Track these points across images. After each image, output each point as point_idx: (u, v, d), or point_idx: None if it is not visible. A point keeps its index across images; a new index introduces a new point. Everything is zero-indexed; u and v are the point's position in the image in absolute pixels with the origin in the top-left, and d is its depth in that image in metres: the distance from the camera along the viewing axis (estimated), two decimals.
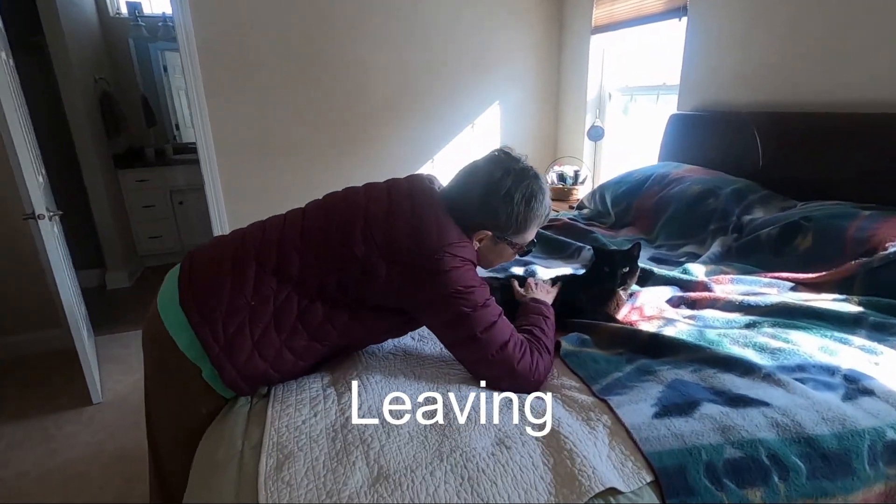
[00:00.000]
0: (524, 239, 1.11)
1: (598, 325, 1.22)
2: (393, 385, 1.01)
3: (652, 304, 1.35)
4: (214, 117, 3.03)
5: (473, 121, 3.60)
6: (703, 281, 1.42)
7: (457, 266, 0.98)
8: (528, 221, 1.06)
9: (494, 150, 1.11)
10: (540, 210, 1.07)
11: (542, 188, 1.07)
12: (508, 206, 1.02)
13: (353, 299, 1.00)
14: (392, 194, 1.08)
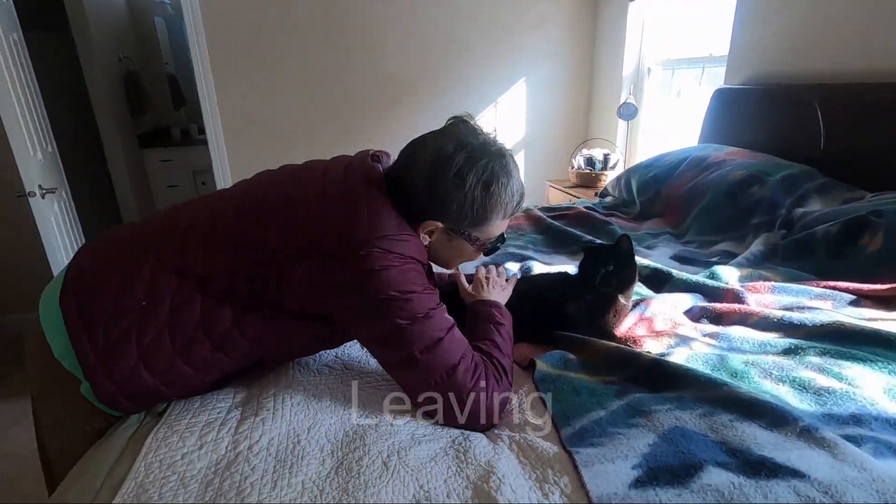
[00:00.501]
0: (487, 233, 0.88)
1: (589, 343, 0.97)
2: (311, 411, 0.81)
3: (665, 316, 1.08)
4: (222, 95, 2.91)
5: (497, 100, 3.33)
6: (734, 289, 1.14)
7: (390, 265, 0.76)
8: (489, 211, 0.83)
9: (451, 119, 0.88)
10: (504, 197, 0.83)
11: (507, 169, 0.83)
12: (459, 190, 0.79)
13: (268, 302, 0.81)
14: (326, 174, 0.87)
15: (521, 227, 1.80)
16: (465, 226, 0.84)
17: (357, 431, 0.76)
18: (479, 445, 0.74)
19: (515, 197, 0.85)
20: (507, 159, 0.83)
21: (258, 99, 2.95)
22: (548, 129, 3.46)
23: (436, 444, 0.74)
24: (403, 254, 0.78)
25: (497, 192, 0.81)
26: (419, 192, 0.81)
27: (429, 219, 0.83)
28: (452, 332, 0.80)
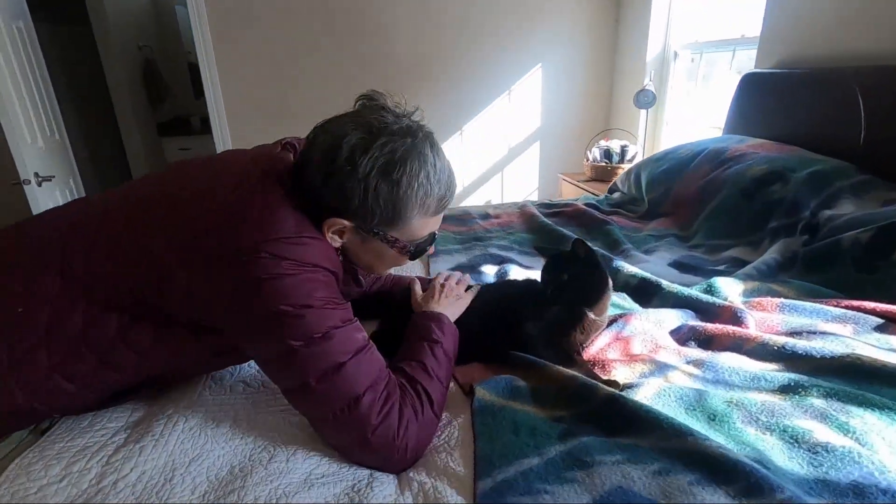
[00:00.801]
0: (409, 234, 0.74)
1: (545, 368, 0.83)
2: (202, 439, 0.71)
3: (647, 336, 0.92)
4: (226, 82, 2.86)
5: (510, 88, 3.15)
6: (733, 307, 0.96)
7: (282, 273, 0.64)
8: (400, 205, 0.69)
9: (359, 96, 0.75)
10: (416, 187, 0.68)
11: (417, 152, 0.67)
12: (353, 178, 0.66)
13: (155, 311, 0.71)
14: (229, 167, 0.76)
15: (512, 225, 1.65)
16: (375, 224, 0.71)
17: (244, 468, 0.65)
18: (381, 493, 0.62)
19: (435, 188, 0.70)
20: (418, 140, 0.68)
21: (263, 86, 2.89)
22: (564, 119, 3.26)
23: (331, 490, 0.62)
24: (301, 260, 0.65)
25: (409, 184, 0.67)
26: (317, 185, 0.68)
27: (332, 216, 0.70)
28: (361, 355, 0.67)
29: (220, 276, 0.65)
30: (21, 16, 2.52)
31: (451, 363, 0.79)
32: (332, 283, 0.70)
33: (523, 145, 3.31)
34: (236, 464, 0.66)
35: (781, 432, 0.66)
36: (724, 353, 0.86)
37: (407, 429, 0.66)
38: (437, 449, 0.70)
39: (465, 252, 1.41)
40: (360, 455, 0.66)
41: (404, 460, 0.66)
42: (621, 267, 1.16)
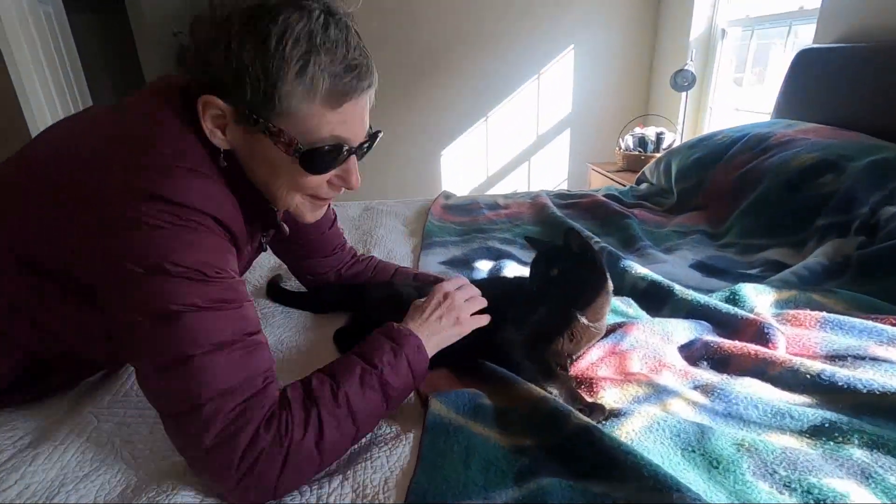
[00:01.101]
0: (297, 125, 0.56)
1: (516, 385, 0.70)
2: (107, 450, 0.62)
3: (650, 352, 0.77)
4: None
5: (539, 71, 2.96)
6: (759, 320, 0.79)
7: (140, 218, 0.50)
8: (273, 67, 0.52)
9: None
10: (296, 49, 0.52)
11: (304, 10, 0.53)
12: (214, 28, 0.53)
13: (46, 273, 0.58)
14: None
15: (520, 217, 1.50)
16: (250, 102, 0.54)
17: (139, 488, 0.56)
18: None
19: (324, 56, 0.53)
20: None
21: None
22: (597, 105, 3.04)
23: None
24: (170, 199, 0.51)
25: (275, 34, 0.51)
26: (186, 60, 0.57)
27: (204, 92, 0.55)
28: (226, 353, 0.51)
29: (67, 216, 0.53)
30: (49, 1, 2.55)
31: (385, 404, 0.61)
32: (217, 244, 0.56)
33: (552, 133, 3.12)
34: (133, 483, 0.57)
35: (805, 493, 0.50)
36: (742, 379, 0.70)
37: (258, 461, 0.50)
38: (373, 468, 0.58)
39: (461, 245, 1.29)
40: (198, 472, 0.54)
41: (245, 497, 0.51)
42: (629, 267, 1.00)
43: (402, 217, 1.57)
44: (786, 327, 0.81)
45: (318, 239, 0.94)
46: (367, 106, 0.63)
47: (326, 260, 0.98)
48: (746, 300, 0.86)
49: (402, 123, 2.99)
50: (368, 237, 1.36)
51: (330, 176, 0.64)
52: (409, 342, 0.64)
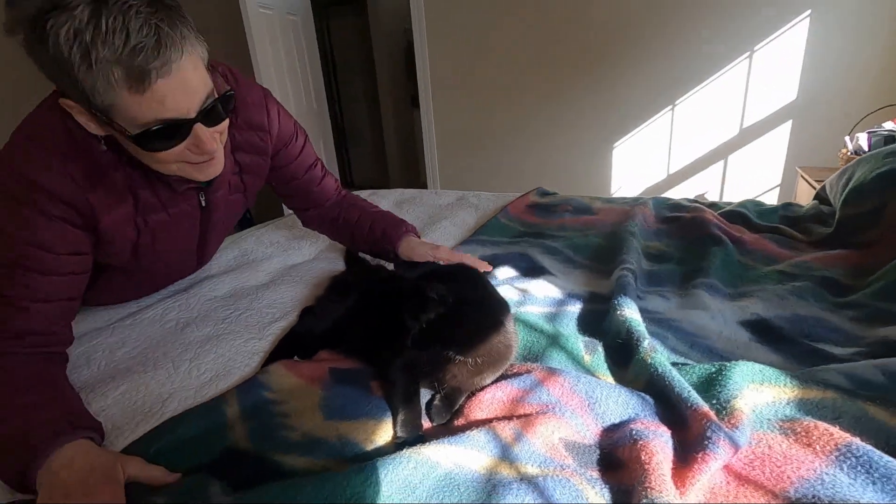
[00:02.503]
0: (124, 115, 0.60)
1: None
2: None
3: (560, 424, 0.61)
4: (434, 55, 3.06)
5: (753, 48, 2.37)
6: (707, 417, 0.54)
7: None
8: (67, 69, 0.56)
9: None
10: (77, 49, 0.54)
11: (67, 8, 0.54)
12: (30, 40, 0.58)
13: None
14: None
15: (599, 224, 1.28)
16: (81, 101, 0.61)
17: None
18: None
19: (102, 48, 0.55)
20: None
21: (464, 58, 2.97)
22: (837, 90, 2.27)
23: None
24: (16, 171, 0.66)
25: (51, 39, 0.54)
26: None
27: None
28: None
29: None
30: (299, 11, 3.23)
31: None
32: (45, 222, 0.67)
33: (765, 126, 2.47)
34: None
35: None
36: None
37: None
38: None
39: (503, 245, 1.19)
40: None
41: None
42: (619, 306, 0.77)
43: (482, 210, 1.52)
44: (784, 442, 0.53)
45: (307, 194, 1.08)
46: (190, 75, 0.61)
47: (317, 210, 1.13)
48: (730, 386, 0.59)
49: (567, 111, 2.81)
50: (429, 227, 1.38)
51: (181, 148, 0.66)
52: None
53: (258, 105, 0.89)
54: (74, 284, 0.74)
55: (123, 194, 0.75)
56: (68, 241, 0.70)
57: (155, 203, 0.78)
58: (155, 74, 0.57)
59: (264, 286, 1.08)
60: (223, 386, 0.75)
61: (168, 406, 0.72)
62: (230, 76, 0.86)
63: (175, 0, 0.61)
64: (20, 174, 0.66)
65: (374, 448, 0.59)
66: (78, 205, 0.69)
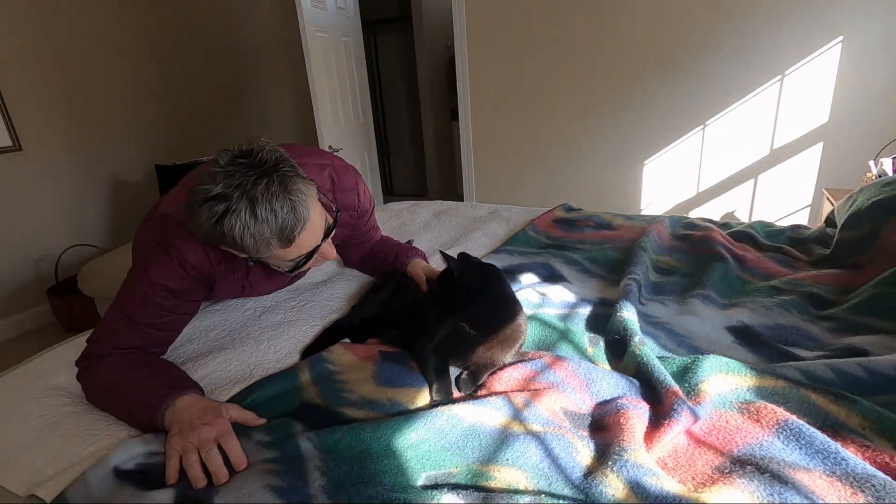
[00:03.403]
0: (276, 261, 0.89)
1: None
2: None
3: (561, 392, 0.77)
4: (474, 70, 3.24)
5: (784, 72, 2.44)
6: (675, 394, 0.68)
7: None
8: (241, 247, 0.80)
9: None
10: (248, 238, 0.78)
11: (235, 214, 0.76)
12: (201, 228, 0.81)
13: None
14: None
15: (617, 240, 1.42)
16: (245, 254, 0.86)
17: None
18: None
19: (265, 232, 0.78)
20: (232, 203, 0.76)
21: (504, 71, 3.13)
22: (868, 114, 2.31)
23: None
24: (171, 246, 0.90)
25: (229, 234, 0.78)
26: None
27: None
28: (135, 324, 0.89)
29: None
30: (351, 33, 3.50)
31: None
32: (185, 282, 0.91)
33: (795, 147, 2.53)
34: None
35: None
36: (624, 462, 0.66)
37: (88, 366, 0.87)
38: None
39: (528, 256, 1.35)
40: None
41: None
42: (619, 308, 0.92)
43: (513, 223, 1.69)
44: (738, 417, 0.67)
45: (364, 249, 1.30)
46: (316, 221, 0.84)
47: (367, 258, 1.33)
48: (699, 373, 0.73)
49: (600, 128, 2.93)
50: (463, 237, 1.56)
51: (312, 262, 0.92)
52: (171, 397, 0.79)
53: (351, 190, 1.11)
54: (183, 322, 0.96)
55: (241, 270, 1.00)
56: (189, 291, 0.93)
57: (260, 274, 1.04)
58: (296, 234, 0.81)
59: (322, 283, 1.28)
60: (295, 361, 0.95)
61: (255, 374, 0.92)
62: (331, 168, 1.08)
63: (292, 167, 0.82)
64: (169, 241, 0.88)
65: (415, 408, 0.77)
66: (204, 272, 0.92)
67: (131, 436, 0.76)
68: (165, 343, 0.96)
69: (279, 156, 0.82)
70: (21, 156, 2.81)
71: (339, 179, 1.08)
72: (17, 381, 0.92)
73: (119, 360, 0.86)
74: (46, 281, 2.91)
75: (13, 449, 0.76)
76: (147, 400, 0.78)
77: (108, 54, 3.10)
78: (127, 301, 0.88)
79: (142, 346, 0.90)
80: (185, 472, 0.66)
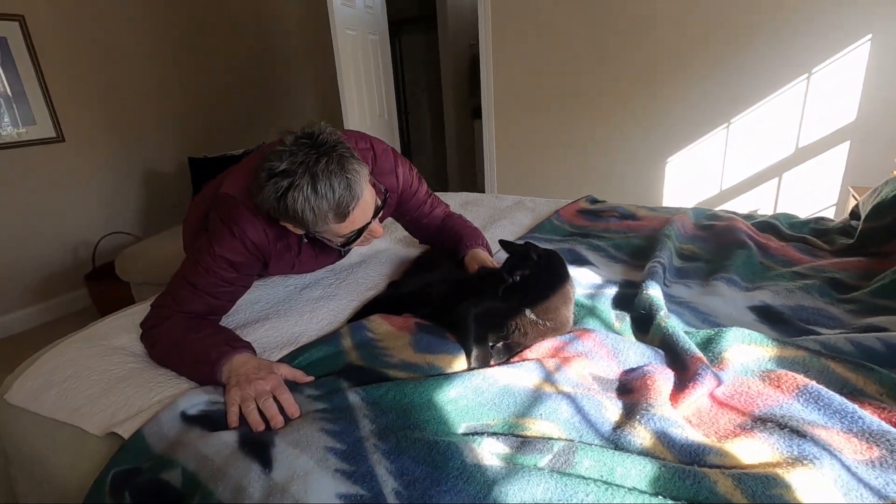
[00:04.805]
0: (332, 234, 0.97)
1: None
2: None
3: (589, 359, 0.82)
4: (498, 68, 3.29)
5: (811, 70, 2.44)
6: (700, 360, 0.73)
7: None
8: (301, 221, 0.89)
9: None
10: (308, 212, 0.87)
11: (297, 189, 0.84)
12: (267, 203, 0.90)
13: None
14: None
15: (640, 229, 1.46)
16: (303, 227, 0.93)
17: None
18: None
19: (324, 206, 0.86)
20: (296, 178, 0.84)
21: (527, 67, 3.16)
22: (893, 111, 2.30)
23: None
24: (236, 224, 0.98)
25: (292, 208, 0.86)
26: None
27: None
28: (197, 290, 0.96)
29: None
30: (378, 32, 3.57)
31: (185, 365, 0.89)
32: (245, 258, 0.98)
33: (822, 145, 2.52)
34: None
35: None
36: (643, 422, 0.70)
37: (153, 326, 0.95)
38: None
39: (553, 243, 1.39)
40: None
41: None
42: (645, 287, 0.97)
43: (537, 213, 1.73)
44: (760, 384, 0.71)
45: (418, 225, 1.33)
46: (368, 200, 0.92)
47: (426, 233, 1.35)
48: (722, 343, 0.77)
49: (623, 125, 2.95)
50: (490, 225, 1.61)
51: (361, 238, 1.00)
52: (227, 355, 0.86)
53: (390, 173, 1.16)
54: (238, 294, 1.05)
55: (294, 249, 1.08)
56: (247, 266, 1.00)
57: (310, 254, 1.12)
58: (351, 210, 0.89)
59: (357, 264, 1.35)
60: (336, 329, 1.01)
61: (300, 340, 0.99)
62: (372, 152, 1.14)
63: (347, 149, 0.89)
64: (234, 219, 0.96)
65: (453, 371, 0.82)
66: (262, 250, 1.01)
67: (192, 388, 0.84)
68: (221, 311, 1.03)
69: (336, 138, 0.90)
70: (63, 147, 2.94)
71: (378, 162, 1.14)
72: (82, 343, 1.00)
73: (181, 322, 0.94)
74: (83, 267, 3.04)
75: (85, 398, 0.84)
76: (207, 356, 0.85)
77: (144, 55, 3.23)
78: (191, 270, 0.96)
79: (201, 312, 0.97)
80: (245, 418, 0.73)
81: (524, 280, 0.87)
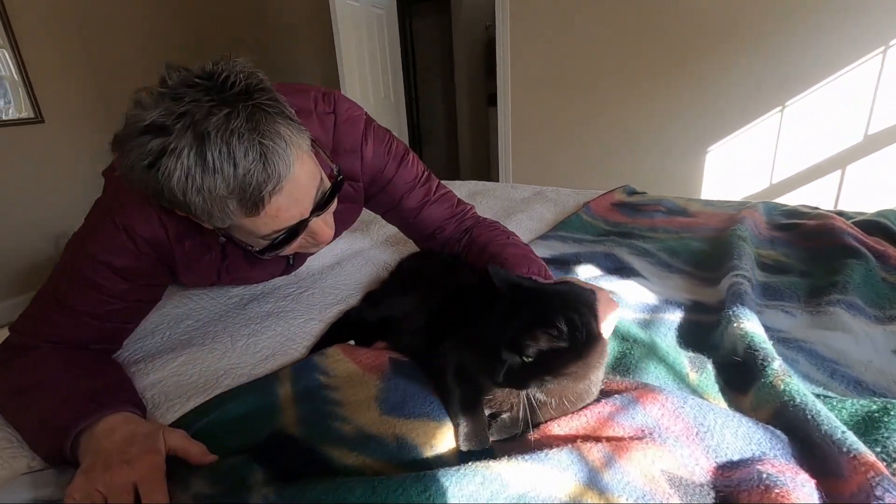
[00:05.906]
0: (244, 234, 0.64)
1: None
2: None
3: (660, 443, 0.50)
4: (516, 47, 2.96)
5: (888, 42, 2.05)
6: (875, 469, 0.40)
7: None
8: (181, 206, 0.56)
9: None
10: (192, 194, 0.53)
11: (174, 156, 0.51)
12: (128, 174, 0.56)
13: None
14: None
15: (699, 228, 1.12)
16: (202, 220, 0.60)
17: None
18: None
19: (220, 187, 0.53)
20: (171, 139, 0.51)
21: (547, 53, 2.85)
22: None
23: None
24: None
25: (167, 185, 0.53)
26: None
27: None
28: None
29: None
30: (384, 6, 3.26)
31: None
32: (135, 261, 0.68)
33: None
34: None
35: None
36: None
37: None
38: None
39: (586, 244, 1.07)
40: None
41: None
42: (735, 318, 0.64)
43: (561, 206, 1.41)
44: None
45: (407, 226, 0.96)
46: (300, 180, 0.59)
47: (428, 241, 0.96)
48: (891, 429, 0.45)
49: (656, 109, 2.60)
50: (503, 220, 1.29)
51: (297, 243, 0.67)
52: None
53: (352, 151, 0.81)
54: (139, 311, 0.74)
55: (214, 251, 0.75)
56: (142, 272, 0.70)
57: (241, 258, 0.78)
58: (267, 197, 0.56)
59: (329, 268, 1.04)
60: (278, 366, 0.71)
61: (222, 382, 0.68)
62: (333, 118, 0.79)
63: (275, 100, 0.57)
64: (120, 205, 0.66)
65: (435, 455, 0.51)
66: (162, 250, 0.69)
67: (27, 470, 0.54)
68: (116, 338, 0.73)
69: (257, 82, 0.57)
70: (42, 128, 2.69)
71: (337, 134, 0.79)
72: None
73: (46, 357, 0.64)
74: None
75: None
76: (56, 418, 0.55)
77: (130, 26, 2.96)
78: (63, 283, 0.66)
79: (84, 339, 0.68)
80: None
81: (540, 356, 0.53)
